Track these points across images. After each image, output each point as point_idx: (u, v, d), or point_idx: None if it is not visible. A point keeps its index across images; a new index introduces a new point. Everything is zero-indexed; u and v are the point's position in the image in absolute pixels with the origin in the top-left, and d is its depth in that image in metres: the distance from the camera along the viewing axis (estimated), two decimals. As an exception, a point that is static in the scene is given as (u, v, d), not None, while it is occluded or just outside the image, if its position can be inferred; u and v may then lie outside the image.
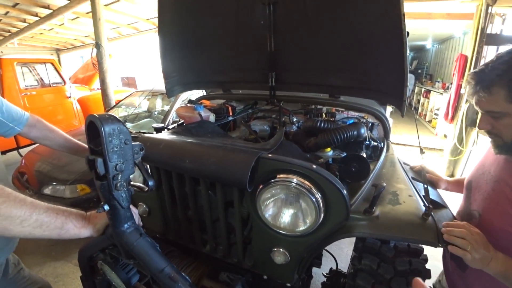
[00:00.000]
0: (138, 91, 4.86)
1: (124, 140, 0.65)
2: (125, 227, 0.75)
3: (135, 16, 6.81)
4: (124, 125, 0.64)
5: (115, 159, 0.64)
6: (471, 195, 1.03)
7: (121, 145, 0.65)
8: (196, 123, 1.30)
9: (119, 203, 0.70)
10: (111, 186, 0.66)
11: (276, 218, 0.87)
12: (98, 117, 0.61)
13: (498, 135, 0.87)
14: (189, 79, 1.88)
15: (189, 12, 1.60)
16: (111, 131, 0.61)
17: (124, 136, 0.65)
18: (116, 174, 0.66)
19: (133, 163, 0.69)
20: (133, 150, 0.68)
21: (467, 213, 1.04)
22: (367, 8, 1.18)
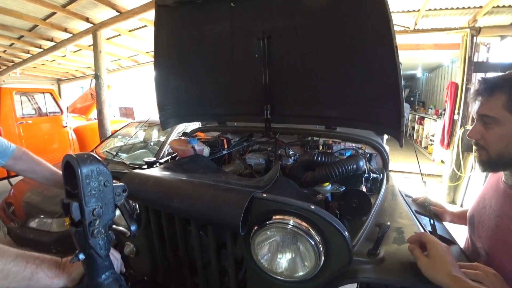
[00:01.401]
0: (134, 121, 4.88)
1: (104, 182, 0.60)
2: (102, 278, 0.67)
3: (135, 49, 7.06)
4: (105, 166, 0.59)
5: (93, 203, 0.58)
6: (475, 231, 0.97)
7: (100, 188, 0.59)
8: (188, 158, 1.26)
9: (96, 252, 0.63)
10: (87, 233, 0.60)
11: (272, 262, 0.81)
12: (75, 157, 0.57)
13: (484, 147, 0.85)
14: (184, 112, 1.87)
15: (185, 45, 1.62)
16: (89, 172, 0.56)
17: (104, 177, 0.60)
18: (93, 219, 0.60)
19: (114, 206, 0.63)
20: (114, 192, 0.63)
21: (473, 251, 0.98)
22: (360, 41, 1.20)
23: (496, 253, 0.84)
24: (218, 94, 1.78)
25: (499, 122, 0.80)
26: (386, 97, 1.21)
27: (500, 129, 0.80)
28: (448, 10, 4.12)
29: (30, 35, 6.05)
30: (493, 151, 0.83)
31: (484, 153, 0.86)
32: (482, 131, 0.85)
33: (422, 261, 0.72)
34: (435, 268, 0.69)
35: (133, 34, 5.70)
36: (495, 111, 0.80)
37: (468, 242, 1.04)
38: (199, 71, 1.71)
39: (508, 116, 0.78)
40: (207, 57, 1.64)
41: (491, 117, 0.81)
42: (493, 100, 0.80)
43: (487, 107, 0.82)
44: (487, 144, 0.85)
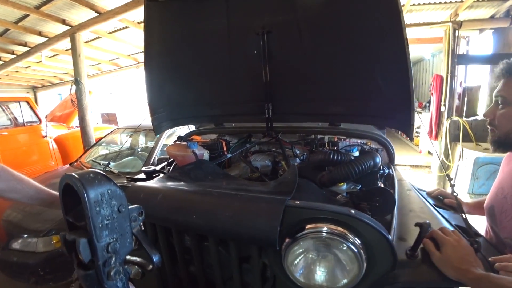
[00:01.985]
0: (120, 127, 4.68)
1: (118, 207, 0.47)
2: None
3: (115, 53, 6.80)
4: (117, 185, 0.47)
5: (106, 237, 0.45)
6: (497, 222, 0.96)
7: (113, 215, 0.45)
8: (193, 164, 1.16)
9: None
10: (101, 276, 0.45)
11: (310, 276, 0.73)
12: (79, 179, 0.43)
13: (495, 127, 0.90)
14: (178, 114, 1.77)
15: (178, 43, 1.52)
16: (98, 197, 0.43)
17: (118, 201, 0.46)
18: (109, 257, 0.46)
19: (131, 235, 0.51)
20: (130, 217, 0.50)
21: (497, 242, 0.96)
22: (368, 34, 1.14)
23: None
24: (214, 94, 1.69)
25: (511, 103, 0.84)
26: (396, 90, 1.17)
27: (510, 110, 0.85)
28: (431, 5, 4.21)
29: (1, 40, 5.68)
30: (501, 131, 0.88)
31: (495, 133, 0.91)
32: (496, 111, 0.90)
33: (435, 256, 0.73)
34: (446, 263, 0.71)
35: (113, 36, 5.47)
36: (509, 92, 0.85)
37: (490, 233, 1.03)
38: (194, 70, 1.62)
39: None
40: (202, 55, 1.55)
41: (505, 97, 0.86)
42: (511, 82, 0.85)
43: (504, 88, 0.86)
44: (497, 123, 0.89)
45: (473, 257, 0.71)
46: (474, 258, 0.70)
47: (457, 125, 4.42)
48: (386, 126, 1.47)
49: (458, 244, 0.71)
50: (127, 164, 3.55)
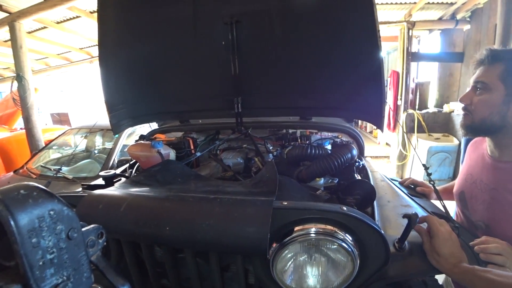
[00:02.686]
0: (73, 128, 4.27)
1: (67, 232, 0.34)
2: None
3: (65, 46, 6.17)
4: (63, 202, 0.34)
5: (51, 278, 0.32)
6: (468, 206, 1.01)
7: (60, 245, 0.33)
8: (160, 166, 1.04)
9: None
10: None
11: (301, 281, 0.68)
12: (1, 199, 0.29)
13: (471, 112, 0.91)
14: (139, 111, 1.62)
15: (137, 33, 1.38)
16: (35, 223, 0.30)
17: (67, 224, 0.33)
18: None
19: (89, 266, 0.38)
20: (86, 243, 0.37)
21: (469, 225, 1.01)
22: (340, 27, 1.13)
23: (496, 223, 0.88)
24: (179, 89, 1.57)
25: (490, 89, 0.85)
26: (367, 84, 1.17)
27: (489, 96, 0.86)
28: (388, 5, 4.43)
29: None
30: (477, 116, 0.89)
31: (469, 118, 0.92)
32: (473, 96, 0.91)
33: (426, 245, 0.73)
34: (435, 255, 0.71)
35: (62, 26, 4.93)
36: (490, 79, 0.85)
37: (460, 217, 1.07)
38: (156, 63, 1.48)
39: (499, 86, 0.83)
40: (164, 46, 1.42)
41: (485, 83, 0.86)
42: (492, 68, 0.85)
43: (484, 74, 0.87)
44: (473, 109, 0.90)
45: (460, 251, 0.71)
46: (461, 252, 0.71)
47: (412, 118, 4.74)
48: (357, 119, 1.49)
49: (450, 238, 0.71)
50: (82, 168, 3.24)
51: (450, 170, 4.43)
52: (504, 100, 0.83)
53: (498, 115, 0.84)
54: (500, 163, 0.90)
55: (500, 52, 0.86)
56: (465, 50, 4.76)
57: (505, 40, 2.59)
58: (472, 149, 1.08)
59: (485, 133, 0.92)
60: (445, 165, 4.42)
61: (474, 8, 4.27)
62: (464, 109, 0.94)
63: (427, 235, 0.74)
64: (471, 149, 1.08)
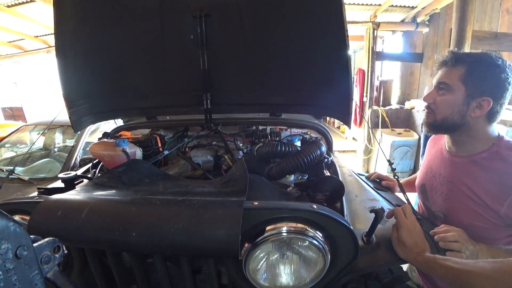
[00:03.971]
0: (29, 124, 3.93)
1: (15, 251, 0.30)
2: None
3: (18, 32, 5.63)
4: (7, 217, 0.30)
5: None
6: (428, 198, 1.09)
7: (6, 266, 0.29)
8: (125, 166, 0.98)
9: None
10: None
11: (274, 279, 0.68)
12: None
13: (433, 111, 0.96)
14: (102, 107, 1.52)
15: (99, 23, 1.29)
16: None
17: (13, 241, 0.30)
18: None
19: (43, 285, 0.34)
20: (39, 261, 0.33)
21: (429, 215, 1.09)
22: (309, 24, 1.14)
23: (453, 213, 0.96)
24: (145, 84, 1.50)
25: (452, 90, 0.90)
26: (335, 81, 1.20)
27: (450, 96, 0.91)
28: (356, 6, 4.61)
29: None
30: (440, 115, 0.94)
31: (432, 116, 0.97)
32: (436, 96, 0.95)
33: (393, 237, 0.78)
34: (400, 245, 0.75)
35: (14, 11, 4.47)
36: (452, 80, 0.90)
37: (422, 208, 1.15)
38: (120, 55, 1.40)
39: (461, 87, 0.89)
40: (129, 37, 1.35)
41: (448, 84, 0.91)
42: (454, 70, 0.90)
43: (447, 76, 0.91)
44: (436, 108, 0.95)
45: (423, 241, 0.75)
46: (424, 242, 0.75)
47: (377, 114, 5.00)
48: (325, 115, 1.52)
49: (414, 229, 0.75)
50: (40, 168, 3.00)
51: (411, 163, 4.75)
52: (464, 101, 0.88)
53: (459, 114, 0.90)
54: (456, 157, 0.97)
55: (462, 55, 0.91)
56: (424, 51, 5.09)
57: (459, 44, 2.80)
58: (431, 145, 1.16)
59: (445, 130, 0.98)
60: (407, 158, 4.72)
61: (432, 12, 4.58)
62: (427, 108, 0.99)
63: (395, 227, 0.78)
64: (431, 144, 1.16)
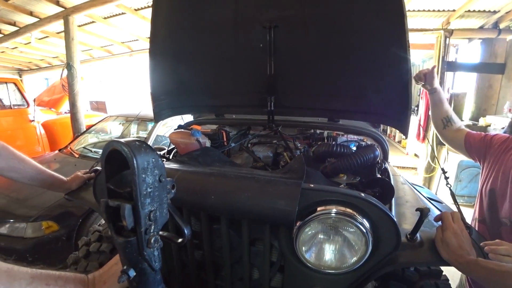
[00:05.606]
0: (111, 115, 4.60)
1: (159, 177, 0.46)
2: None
3: (109, 39, 6.64)
4: (159, 155, 0.47)
5: (148, 205, 0.45)
6: (497, 204, 1.05)
7: (155, 184, 0.45)
8: (200, 151, 1.19)
9: (150, 265, 0.49)
10: (142, 243, 0.46)
11: (320, 256, 0.77)
12: (128, 145, 0.43)
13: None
14: (179, 103, 1.78)
15: (183, 32, 1.53)
16: (145, 164, 0.43)
17: (159, 171, 0.46)
18: (149, 225, 0.46)
19: (167, 205, 0.51)
20: (166, 189, 0.50)
21: (492, 221, 1.06)
22: (370, 34, 1.19)
23: None
24: (217, 85, 1.71)
25: None
26: (394, 90, 1.23)
27: None
28: (425, 12, 4.33)
29: (-12, 18, 5.45)
30: None
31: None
32: None
33: (437, 238, 0.79)
34: (444, 246, 0.76)
35: (108, 21, 5.34)
36: None
37: (484, 214, 1.11)
38: (198, 60, 1.63)
39: None
40: (207, 45, 1.56)
41: None
42: None
43: None
44: None
45: (470, 246, 0.77)
46: (470, 247, 0.77)
47: (444, 129, 4.60)
48: (382, 123, 1.53)
49: (460, 233, 0.77)
50: (119, 152, 3.51)
51: (481, 187, 4.26)
52: None
53: None
54: None
55: None
56: (507, 61, 4.52)
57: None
58: (503, 148, 1.11)
59: None
60: (476, 181, 4.24)
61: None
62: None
63: (440, 229, 0.80)
64: (502, 147, 1.11)
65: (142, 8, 4.78)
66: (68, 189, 1.27)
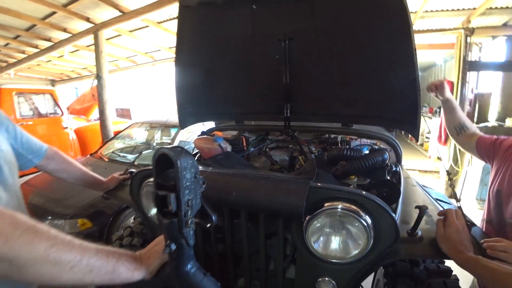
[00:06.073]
0: (136, 122, 4.88)
1: (195, 174, 0.62)
2: (188, 267, 0.70)
3: (133, 50, 7.03)
4: (194, 158, 0.63)
5: (187, 195, 0.61)
6: (502, 204, 1.09)
7: (192, 179, 0.61)
8: (222, 155, 1.32)
9: (186, 241, 0.65)
10: (182, 223, 0.62)
11: (326, 247, 0.87)
12: (172, 151, 0.59)
13: None
14: (202, 111, 1.92)
15: (206, 45, 1.68)
16: (185, 164, 0.58)
17: (195, 169, 0.62)
18: (187, 210, 0.62)
19: (200, 197, 0.67)
20: (199, 184, 0.66)
21: (499, 222, 1.09)
22: (378, 42, 1.27)
23: None
24: (237, 94, 1.84)
25: None
26: (404, 95, 1.29)
27: None
28: (444, 12, 4.27)
29: (27, 34, 5.96)
30: None
31: None
32: None
33: (439, 233, 0.84)
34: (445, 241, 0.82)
35: (133, 34, 5.69)
36: None
37: (491, 214, 1.15)
38: (219, 71, 1.77)
39: None
40: (227, 57, 1.70)
41: None
42: None
43: None
44: None
45: (469, 243, 0.81)
46: (470, 244, 0.81)
47: (467, 131, 4.48)
48: (393, 127, 1.59)
49: (462, 230, 0.82)
50: (146, 157, 3.73)
51: (508, 190, 4.10)
52: None
53: None
54: None
55: None
56: (534, 60, 4.35)
57: None
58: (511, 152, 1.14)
59: None
60: (502, 184, 4.10)
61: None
62: None
63: (442, 224, 0.86)
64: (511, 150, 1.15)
65: (165, 20, 5.07)
66: (106, 188, 1.44)
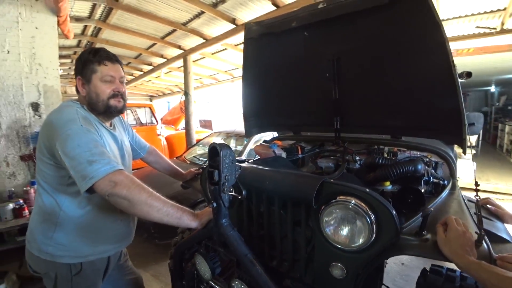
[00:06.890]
0: (215, 132, 5.58)
1: (232, 160, 1.02)
2: (223, 221, 1.10)
3: (215, 69, 8.06)
4: (232, 150, 1.02)
5: (225, 172, 1.00)
6: None
7: (230, 163, 1.01)
8: (271, 158, 1.60)
9: (223, 203, 1.05)
10: (220, 189, 1.01)
11: (336, 232, 1.03)
12: (218, 145, 1.00)
13: None
14: (264, 122, 2.25)
15: (266, 67, 2.00)
16: (225, 153, 0.99)
17: (232, 157, 1.03)
18: (224, 182, 1.01)
19: (235, 177, 1.06)
20: (235, 168, 1.05)
21: None
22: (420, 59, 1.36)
23: None
24: (292, 108, 2.09)
25: None
26: (447, 107, 1.33)
27: None
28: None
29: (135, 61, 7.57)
30: None
31: None
32: None
33: (439, 237, 0.89)
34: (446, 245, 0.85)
35: (215, 56, 6.60)
36: None
37: None
38: (277, 88, 2.07)
39: None
40: (283, 76, 1.98)
41: None
42: None
43: None
44: None
45: (471, 247, 0.83)
46: (472, 249, 0.83)
47: None
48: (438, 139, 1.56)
49: (463, 234, 0.86)
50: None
51: None
52: None
53: None
54: None
55: None
56: None
57: None
58: None
59: None
60: None
61: None
62: None
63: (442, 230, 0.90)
64: None
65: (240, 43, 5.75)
66: (185, 179, 1.92)
